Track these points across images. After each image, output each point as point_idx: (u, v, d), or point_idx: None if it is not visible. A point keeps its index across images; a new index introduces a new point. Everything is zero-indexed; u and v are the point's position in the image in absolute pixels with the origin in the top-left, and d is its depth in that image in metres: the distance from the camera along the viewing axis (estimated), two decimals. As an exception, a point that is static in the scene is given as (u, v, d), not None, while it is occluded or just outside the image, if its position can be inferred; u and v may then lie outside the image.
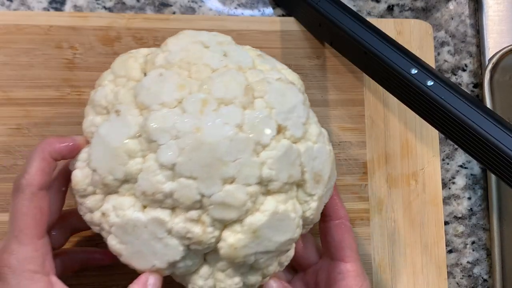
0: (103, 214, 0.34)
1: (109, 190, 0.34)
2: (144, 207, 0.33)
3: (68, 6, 0.48)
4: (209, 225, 0.33)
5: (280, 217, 0.34)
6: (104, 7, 0.49)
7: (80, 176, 0.34)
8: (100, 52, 0.46)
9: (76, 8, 0.48)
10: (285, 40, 0.49)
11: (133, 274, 0.35)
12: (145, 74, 0.35)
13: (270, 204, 0.33)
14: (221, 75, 0.34)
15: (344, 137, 0.50)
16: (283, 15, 0.52)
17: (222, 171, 0.32)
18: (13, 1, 0.48)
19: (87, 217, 0.35)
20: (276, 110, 0.34)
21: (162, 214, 0.33)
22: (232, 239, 0.33)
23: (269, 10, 0.52)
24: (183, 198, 0.32)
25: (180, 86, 0.33)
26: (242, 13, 0.51)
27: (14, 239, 0.32)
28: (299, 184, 0.36)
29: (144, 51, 0.38)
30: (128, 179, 0.33)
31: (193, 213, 0.32)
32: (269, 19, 0.50)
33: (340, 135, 0.49)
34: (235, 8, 0.51)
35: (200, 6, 0.50)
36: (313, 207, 0.36)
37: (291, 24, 0.50)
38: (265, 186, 0.33)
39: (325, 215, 0.42)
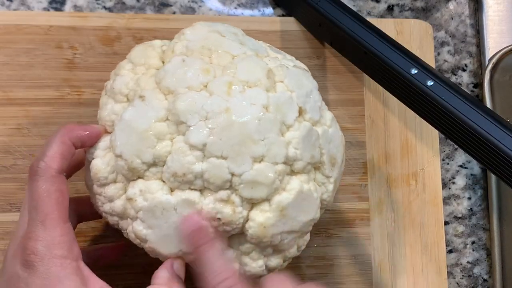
0: (130, 199, 0.34)
1: (134, 175, 0.34)
2: (172, 190, 0.33)
3: (68, 6, 0.48)
4: (239, 205, 0.33)
5: (304, 197, 0.35)
6: (104, 7, 0.49)
7: (100, 164, 0.34)
8: (100, 52, 0.46)
9: (76, 8, 0.48)
10: (285, 40, 0.49)
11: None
12: (163, 63, 0.36)
13: (295, 183, 0.34)
14: (243, 59, 0.35)
15: (344, 137, 0.50)
16: (283, 15, 0.52)
17: (252, 150, 0.32)
18: (13, 1, 0.48)
19: (106, 207, 0.35)
20: (296, 94, 0.35)
21: (192, 195, 0.33)
22: (261, 218, 0.33)
23: (269, 10, 0.52)
24: (214, 178, 0.32)
25: (205, 70, 0.34)
26: (242, 13, 0.51)
27: (40, 225, 0.31)
28: (317, 167, 0.36)
29: (158, 42, 0.38)
30: (156, 162, 0.33)
31: (223, 193, 0.33)
32: (269, 19, 0.50)
33: (340, 135, 0.50)
34: (235, 8, 0.51)
35: (200, 6, 0.50)
36: (329, 189, 0.37)
37: (291, 24, 0.50)
38: (290, 166, 0.34)
39: None
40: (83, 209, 0.39)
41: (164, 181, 0.33)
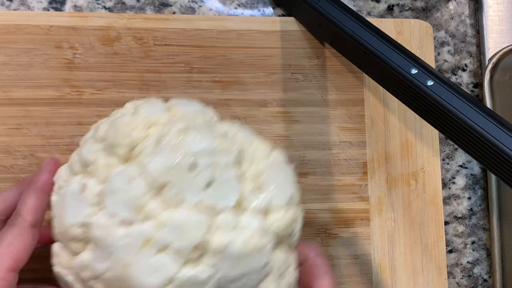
0: None
1: None
2: None
3: (68, 6, 0.48)
4: None
5: None
6: (104, 7, 0.49)
7: None
8: (100, 52, 0.46)
9: (76, 8, 0.48)
10: (285, 40, 0.49)
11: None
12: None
13: None
14: (187, 210, 0.33)
15: (344, 137, 0.50)
16: (283, 15, 0.52)
17: None
18: (13, 1, 0.48)
19: None
20: (222, 274, 0.32)
21: None
22: None
23: (269, 10, 0.52)
24: None
25: (137, 208, 0.33)
26: (242, 13, 0.51)
27: None
28: None
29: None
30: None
31: None
32: (269, 19, 0.50)
33: (340, 135, 0.50)
34: (235, 8, 0.51)
35: (200, 6, 0.50)
36: None
37: (291, 24, 0.50)
38: None
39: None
40: None
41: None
